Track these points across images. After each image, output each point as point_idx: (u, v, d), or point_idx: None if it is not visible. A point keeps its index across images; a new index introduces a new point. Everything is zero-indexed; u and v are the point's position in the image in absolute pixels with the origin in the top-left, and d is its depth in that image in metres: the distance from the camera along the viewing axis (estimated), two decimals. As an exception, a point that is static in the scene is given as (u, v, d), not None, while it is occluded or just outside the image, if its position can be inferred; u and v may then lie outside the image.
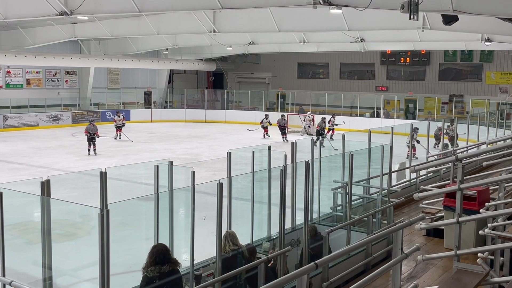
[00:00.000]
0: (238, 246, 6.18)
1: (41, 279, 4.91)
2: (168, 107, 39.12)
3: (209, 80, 43.43)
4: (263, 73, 41.30)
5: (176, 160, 8.59)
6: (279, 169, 6.37)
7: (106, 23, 25.15)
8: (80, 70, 34.47)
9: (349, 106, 35.42)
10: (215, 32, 22.04)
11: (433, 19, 17.00)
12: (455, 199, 5.63)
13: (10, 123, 29.80)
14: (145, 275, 5.27)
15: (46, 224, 4.77)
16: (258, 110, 38.22)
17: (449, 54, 33.88)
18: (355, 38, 24.90)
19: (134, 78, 38.24)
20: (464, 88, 33.89)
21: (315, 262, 3.50)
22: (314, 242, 7.24)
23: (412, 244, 7.18)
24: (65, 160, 20.19)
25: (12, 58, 27.72)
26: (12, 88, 31.83)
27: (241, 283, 5.99)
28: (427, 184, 11.06)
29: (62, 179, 14.80)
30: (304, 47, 29.67)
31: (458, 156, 5.74)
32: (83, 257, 8.79)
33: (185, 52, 36.69)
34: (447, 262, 6.68)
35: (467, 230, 6.82)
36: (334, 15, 18.42)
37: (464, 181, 5.56)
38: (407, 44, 28.89)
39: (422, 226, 6.21)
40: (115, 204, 4.46)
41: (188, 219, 5.88)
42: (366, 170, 9.53)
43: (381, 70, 36.73)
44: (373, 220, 7.93)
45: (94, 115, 34.01)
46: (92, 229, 10.03)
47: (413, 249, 4.77)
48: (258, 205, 7.61)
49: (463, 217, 5.56)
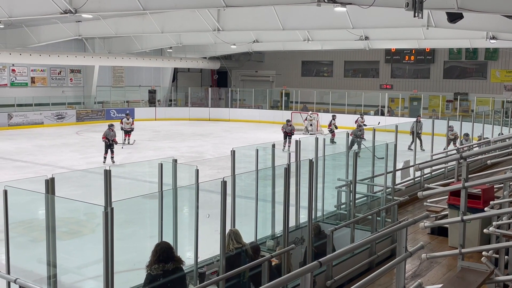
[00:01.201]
0: (242, 244, 6.17)
1: (46, 277, 4.92)
2: (172, 105, 39.15)
3: (213, 78, 43.45)
4: (267, 71, 41.27)
5: (180, 158, 8.60)
6: (283, 167, 6.36)
7: (110, 22, 25.18)
8: (85, 68, 34.54)
9: (353, 104, 35.33)
10: (219, 30, 22.04)
11: (437, 17, 16.96)
12: (460, 198, 5.61)
13: (15, 121, 29.89)
14: (148, 273, 5.28)
15: (50, 222, 4.78)
16: (262, 108, 38.22)
17: (453, 52, 33.77)
18: (360, 36, 24.85)
19: (139, 76, 38.28)
20: (469, 86, 33.78)
21: (319, 260, 3.50)
22: (318, 241, 7.24)
23: (416, 242, 7.16)
24: (70, 158, 20.24)
25: (17, 56, 27.79)
26: (17, 87, 31.92)
27: (244, 281, 5.98)
28: (431, 182, 11.04)
29: (67, 177, 14.84)
30: (308, 45, 29.61)
31: (463, 154, 5.72)
32: (87, 255, 8.81)
33: (189, 50, 36.72)
34: (451, 260, 6.67)
35: (471, 228, 6.81)
36: (338, 13, 18.36)
37: (468, 180, 5.53)
38: (411, 42, 28.84)
39: (427, 225, 6.20)
40: (120, 202, 4.47)
41: (192, 217, 5.89)
42: (370, 168, 9.51)
43: (385, 68, 36.65)
44: (377, 219, 7.92)
45: (98, 113, 34.09)
46: (97, 227, 10.05)
47: (418, 247, 4.76)
48: (262, 203, 7.61)
49: (467, 215, 5.54)
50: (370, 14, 18.26)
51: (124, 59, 32.78)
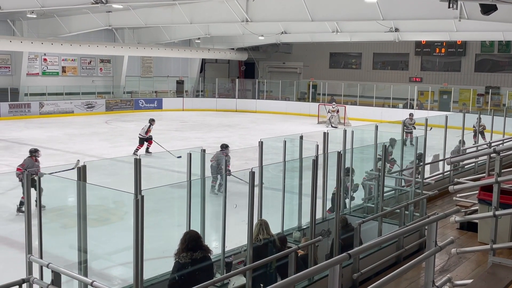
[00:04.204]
0: (270, 235, 6.19)
1: (77, 262, 5.02)
2: (199, 96, 39.37)
3: (241, 69, 43.48)
4: (295, 62, 41.09)
5: (208, 148, 8.64)
6: (311, 159, 6.33)
7: (140, 12, 25.40)
8: (114, 58, 34.94)
9: (382, 97, 34.95)
10: (247, 21, 22.03)
11: (470, 8, 16.60)
12: (491, 193, 5.52)
13: (46, 109, 30.46)
14: (177, 261, 5.34)
15: (82, 208, 4.87)
16: (289, 100, 38.10)
17: (486, 45, 33.05)
18: (390, 28, 24.55)
19: (167, 66, 38.57)
20: (501, 79, 33.04)
21: (348, 252, 3.49)
22: (344, 233, 7.20)
23: (445, 237, 7.07)
24: (99, 147, 20.55)
25: (49, 46, 28.27)
26: (48, 76, 32.50)
27: (271, 272, 6.00)
28: (461, 177, 10.87)
29: (96, 165, 15.07)
30: (336, 37, 29.40)
31: (496, 148, 5.61)
32: (116, 242, 8.95)
33: (217, 41, 36.80)
34: (480, 256, 6.57)
35: (502, 224, 6.68)
36: (368, 4, 18.17)
37: (501, 174, 5.43)
38: (442, 34, 28.36)
39: (457, 219, 6.11)
40: (149, 191, 4.52)
41: (219, 207, 5.92)
42: (398, 161, 9.41)
43: (415, 60, 36.10)
44: (405, 212, 7.83)
45: (127, 103, 34.48)
46: (125, 215, 10.21)
47: (447, 242, 4.69)
48: (289, 195, 7.60)
49: (499, 211, 5.45)
50: (401, 5, 18.01)
51: (153, 49, 33.05)
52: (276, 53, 40.44)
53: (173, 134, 24.67)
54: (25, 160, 12.24)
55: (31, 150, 12.47)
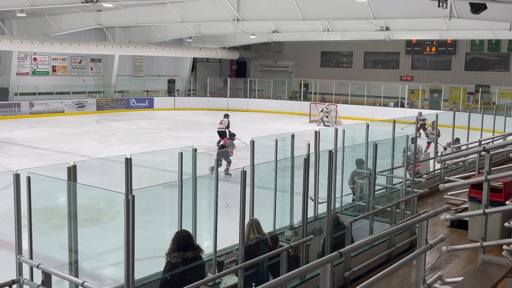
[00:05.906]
0: (262, 234, 6.19)
1: (68, 263, 4.99)
2: (191, 95, 39.29)
3: (232, 68, 43.45)
4: (286, 61, 41.12)
5: (199, 148, 8.63)
6: (303, 157, 6.34)
7: (130, 11, 25.31)
8: (105, 57, 34.79)
9: (373, 96, 35.06)
10: (238, 20, 22.02)
11: (460, 7, 16.69)
12: (481, 191, 5.56)
13: (36, 109, 30.28)
14: (168, 261, 5.32)
15: (72, 208, 4.84)
16: (281, 99, 38.14)
17: (476, 44, 33.26)
18: (380, 27, 24.64)
19: (158, 66, 38.46)
20: (491, 78, 33.27)
21: (339, 251, 3.49)
22: (336, 232, 7.22)
23: (436, 235, 7.11)
24: (90, 146, 20.46)
25: (39, 45, 28.08)
26: (38, 75, 32.30)
27: (263, 271, 6.01)
28: (451, 175, 10.93)
29: (87, 165, 15.00)
30: (328, 36, 29.46)
31: (486, 147, 5.65)
32: (107, 242, 8.91)
33: (208, 40, 36.74)
34: (471, 254, 6.61)
35: (492, 222, 6.72)
36: (359, 3, 18.21)
37: (491, 172, 5.47)
38: (433, 33, 28.50)
39: (448, 217, 6.15)
40: (140, 190, 4.50)
41: (211, 206, 5.91)
42: (389, 160, 9.44)
43: (406, 59, 36.26)
44: (396, 211, 7.87)
45: (118, 102, 34.36)
46: (117, 215, 10.16)
47: (438, 239, 4.72)
48: (280, 194, 7.60)
49: (489, 208, 5.49)
50: (391, 4, 18.07)
51: (144, 48, 32.94)
52: (268, 52, 40.45)
53: (164, 133, 24.62)
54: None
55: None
